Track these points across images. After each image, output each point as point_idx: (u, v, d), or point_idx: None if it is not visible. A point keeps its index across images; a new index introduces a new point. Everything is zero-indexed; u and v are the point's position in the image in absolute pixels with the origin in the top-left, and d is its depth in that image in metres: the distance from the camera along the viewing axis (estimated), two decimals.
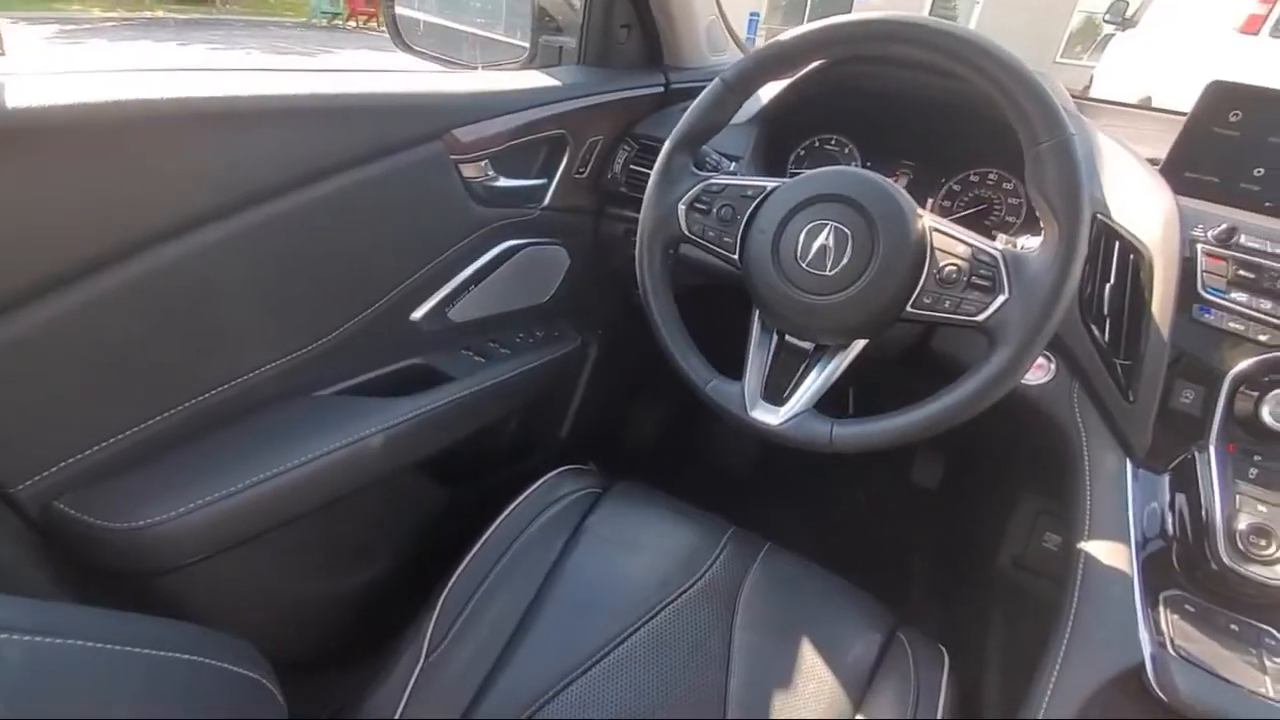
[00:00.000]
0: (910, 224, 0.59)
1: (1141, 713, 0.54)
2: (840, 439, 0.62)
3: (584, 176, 0.91)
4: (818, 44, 0.60)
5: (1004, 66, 0.54)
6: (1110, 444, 0.67)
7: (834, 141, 0.92)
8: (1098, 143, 0.78)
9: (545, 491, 0.80)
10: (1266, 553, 0.57)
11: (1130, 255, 0.67)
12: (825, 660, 0.65)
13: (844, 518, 1.34)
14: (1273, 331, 0.61)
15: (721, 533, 0.77)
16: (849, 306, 0.60)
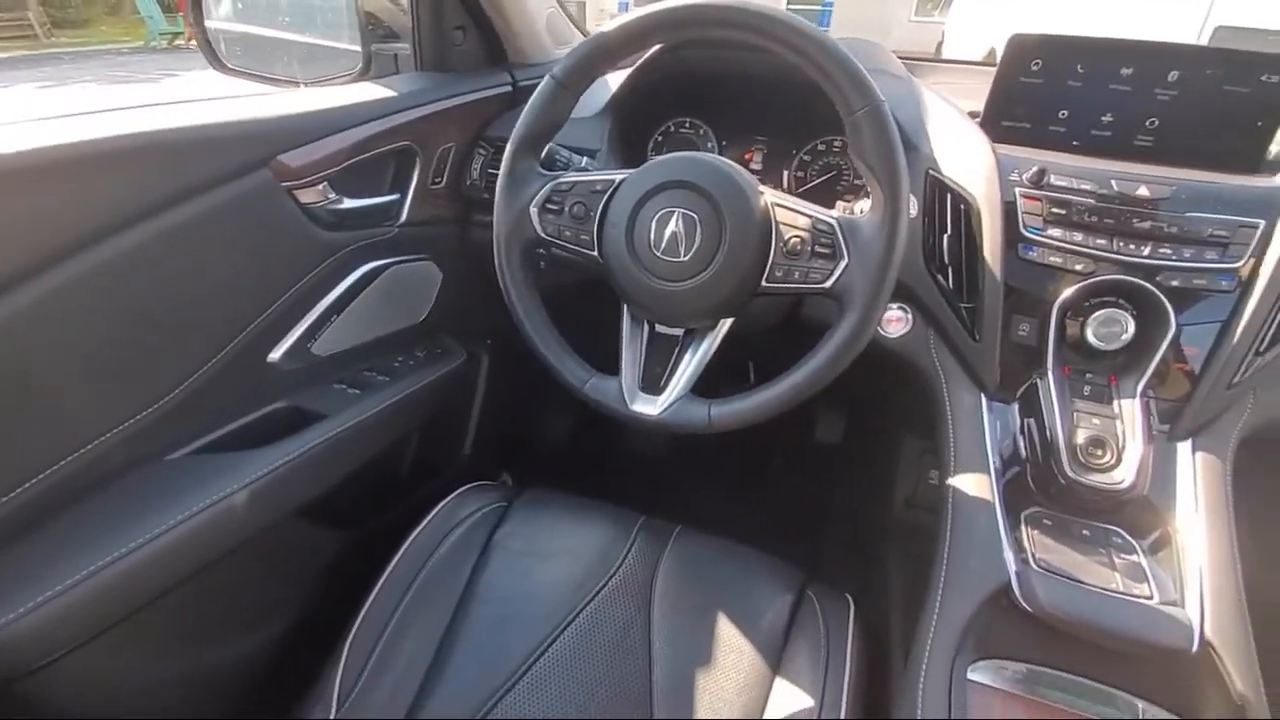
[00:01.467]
0: (752, 202, 0.60)
1: (1015, 625, 0.58)
2: (718, 419, 0.63)
3: (441, 186, 0.88)
4: (638, 33, 0.60)
5: (812, 42, 0.56)
6: (965, 382, 0.72)
7: (689, 125, 0.93)
8: (925, 101, 0.82)
9: (447, 515, 0.77)
10: (1103, 461, 0.63)
11: (961, 206, 0.71)
12: (742, 631, 0.67)
13: (759, 487, 1.38)
14: (1086, 260, 0.67)
15: (632, 525, 0.78)
16: (707, 289, 0.61)
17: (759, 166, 0.91)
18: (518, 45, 0.93)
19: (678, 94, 0.92)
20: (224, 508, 0.64)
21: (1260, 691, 0.54)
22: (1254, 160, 0.70)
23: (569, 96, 0.64)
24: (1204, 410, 0.65)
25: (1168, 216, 0.65)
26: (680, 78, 0.88)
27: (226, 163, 0.65)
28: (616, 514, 0.80)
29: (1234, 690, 0.53)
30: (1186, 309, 0.64)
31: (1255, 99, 0.69)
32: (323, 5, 0.95)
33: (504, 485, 0.85)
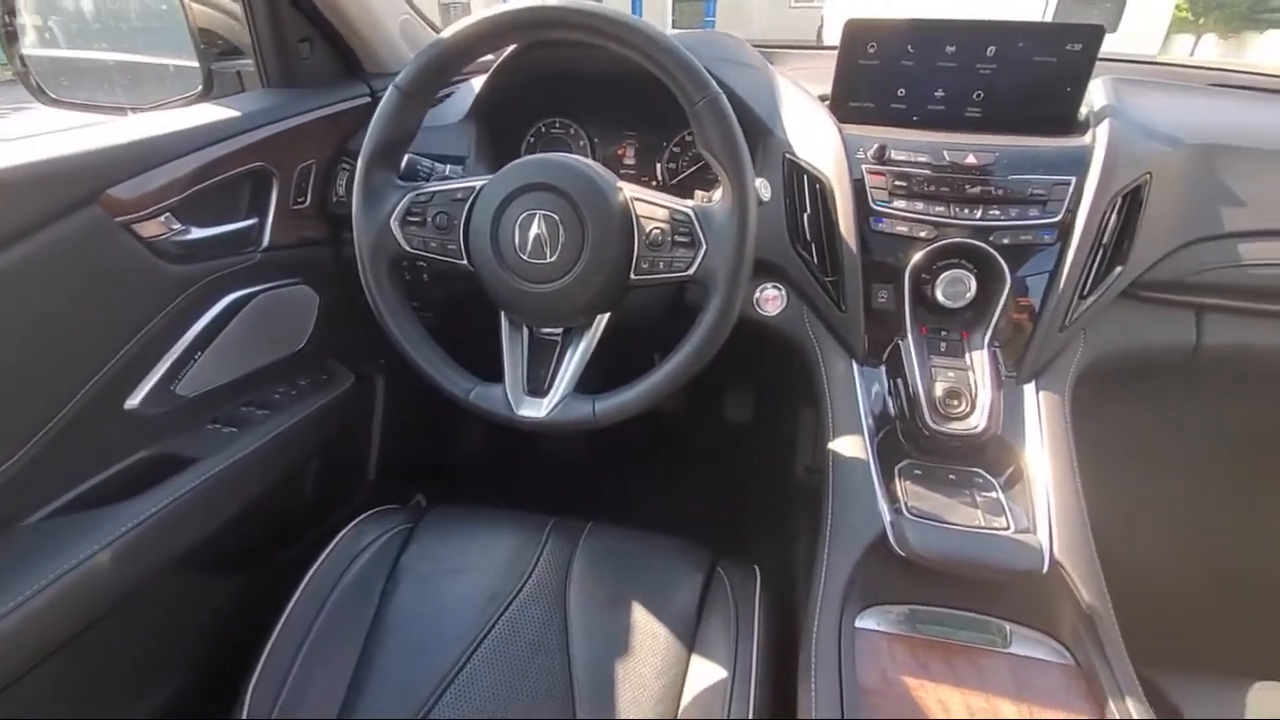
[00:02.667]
0: (611, 199, 0.61)
1: (894, 571, 0.63)
2: (603, 413, 0.64)
3: (306, 206, 0.85)
4: (475, 37, 0.60)
5: (647, 39, 0.57)
6: (838, 351, 0.76)
7: (559, 125, 0.94)
8: (779, 89, 0.86)
9: (349, 544, 0.75)
10: (960, 410, 0.68)
11: (817, 186, 0.75)
12: (656, 615, 0.69)
13: (677, 473, 1.41)
14: (929, 227, 0.72)
15: (542, 528, 0.78)
16: (576, 288, 0.62)
17: (632, 161, 0.92)
18: (372, 54, 0.90)
19: (546, 95, 0.92)
20: (89, 569, 0.60)
21: (1106, 600, 0.60)
22: (1068, 122, 0.77)
23: (416, 105, 0.63)
24: (1042, 353, 0.71)
25: (994, 180, 0.71)
26: (545, 78, 0.88)
27: (49, 202, 0.60)
28: (526, 520, 0.80)
29: (1083, 601, 0.59)
30: (1018, 263, 0.70)
31: (1063, 67, 0.75)
32: (156, 24, 0.89)
33: (411, 507, 0.83)
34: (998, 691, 0.56)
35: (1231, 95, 0.94)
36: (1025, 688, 0.57)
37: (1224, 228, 0.74)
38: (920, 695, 0.56)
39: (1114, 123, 0.74)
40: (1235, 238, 0.74)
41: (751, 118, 0.80)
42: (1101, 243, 0.71)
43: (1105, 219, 0.70)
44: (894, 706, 0.55)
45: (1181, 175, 0.75)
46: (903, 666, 0.58)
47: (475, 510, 0.82)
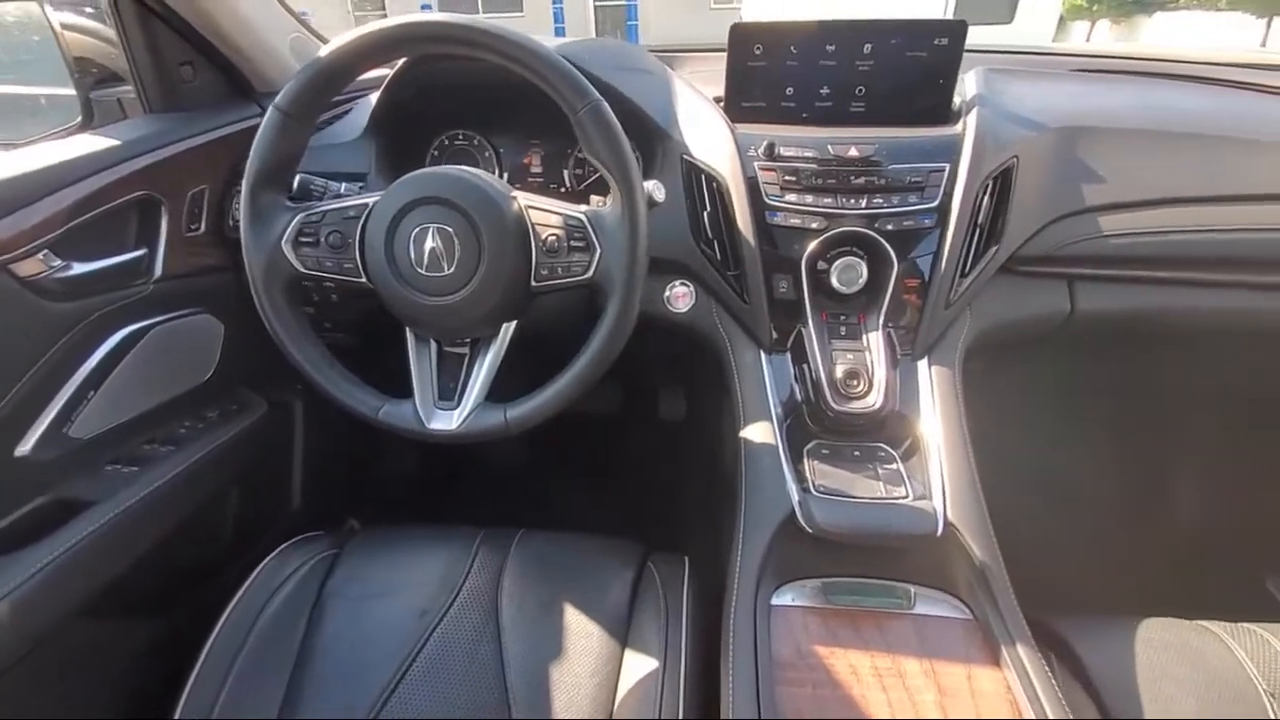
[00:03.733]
0: (504, 208, 0.62)
1: (805, 547, 0.65)
2: (516, 420, 0.65)
3: (200, 232, 0.83)
4: (353, 54, 0.60)
5: (526, 51, 0.59)
6: (746, 341, 0.79)
7: (462, 137, 0.94)
8: (676, 92, 0.88)
9: (269, 576, 0.74)
10: (859, 389, 0.72)
11: (714, 184, 0.78)
12: (589, 615, 0.70)
13: (614, 474, 1.43)
14: (820, 218, 0.75)
15: (472, 540, 0.78)
16: (477, 298, 0.63)
17: (539, 170, 0.94)
18: (261, 74, 0.88)
19: (448, 107, 0.92)
20: None
21: (996, 556, 0.64)
22: (943, 112, 0.82)
23: (299, 125, 0.63)
24: (932, 330, 0.76)
25: (876, 170, 0.75)
26: (445, 90, 0.88)
27: None
28: (456, 534, 0.80)
29: (976, 559, 0.63)
30: (904, 247, 0.75)
31: (933, 60, 0.80)
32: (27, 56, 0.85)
33: (336, 532, 0.81)
34: (902, 650, 0.60)
35: (1092, 79, 1.01)
36: (927, 644, 0.60)
37: (1086, 203, 0.80)
38: (831, 662, 0.59)
39: (982, 111, 0.79)
40: (1097, 211, 0.80)
41: (648, 122, 0.82)
42: (977, 223, 0.76)
43: (979, 201, 0.75)
44: (807, 676, 0.58)
45: (1046, 156, 0.81)
46: (815, 637, 0.61)
47: (404, 530, 0.81)
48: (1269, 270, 0.81)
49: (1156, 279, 0.82)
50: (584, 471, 1.44)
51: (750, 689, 0.56)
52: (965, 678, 0.58)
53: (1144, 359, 0.98)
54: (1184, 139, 0.86)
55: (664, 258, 0.80)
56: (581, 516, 0.86)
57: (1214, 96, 1.00)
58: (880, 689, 0.57)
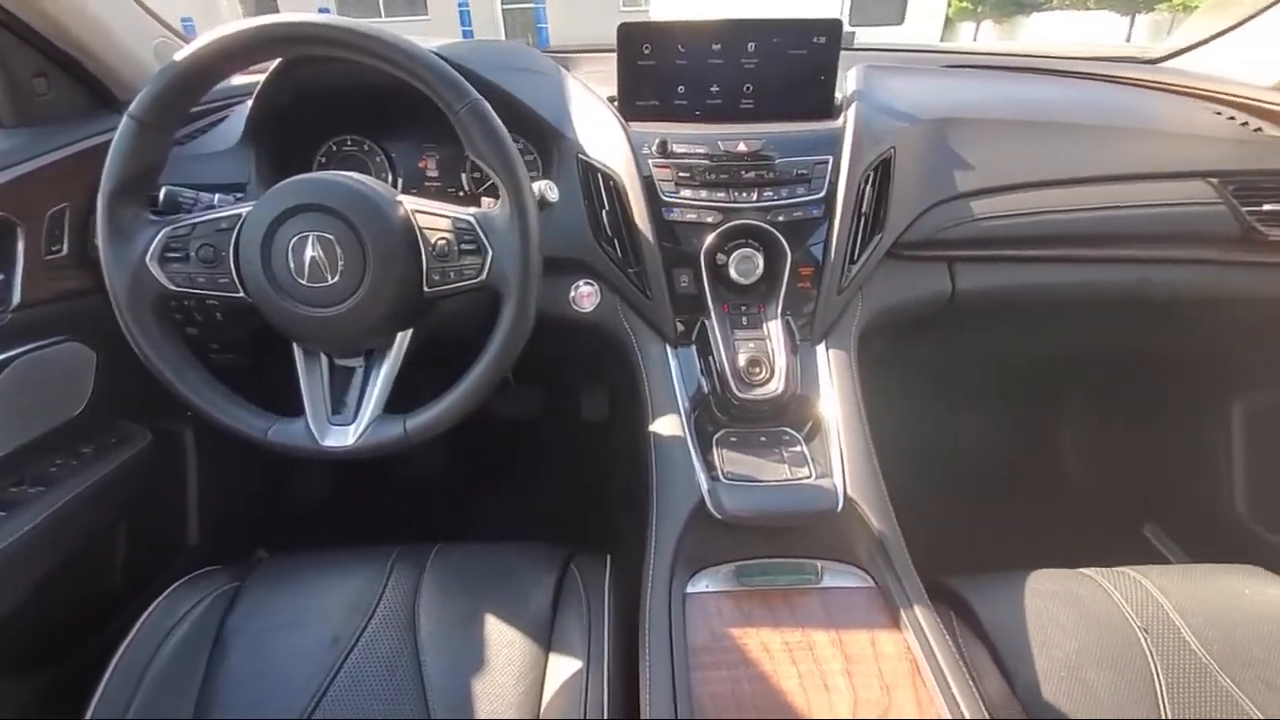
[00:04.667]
0: (389, 213, 0.61)
1: (717, 534, 0.67)
2: (416, 430, 0.63)
3: (63, 255, 0.76)
4: (209, 59, 0.57)
5: (399, 51, 0.57)
6: (651, 337, 0.80)
7: (351, 142, 0.91)
8: (569, 92, 0.89)
9: (162, 617, 0.69)
10: (761, 377, 0.74)
11: (611, 183, 0.79)
12: (511, 624, 0.69)
13: (537, 478, 1.41)
14: (715, 213, 0.77)
15: (386, 559, 0.76)
16: (366, 307, 0.61)
17: (435, 174, 0.92)
18: (124, 82, 0.82)
19: (334, 111, 0.88)
20: None
21: (894, 525, 0.68)
22: (826, 108, 0.86)
23: (158, 133, 0.59)
24: (826, 316, 0.79)
25: (765, 164, 0.78)
26: (327, 94, 0.85)
27: None
28: (369, 554, 0.77)
29: (875, 530, 0.66)
30: (796, 238, 0.78)
31: (813, 58, 0.84)
32: None
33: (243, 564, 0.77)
34: (811, 623, 0.62)
35: (962, 75, 1.09)
36: (834, 615, 0.63)
37: (959, 189, 0.86)
38: (745, 643, 0.60)
39: (860, 105, 0.83)
40: (969, 196, 0.86)
41: (541, 123, 0.82)
42: (862, 212, 0.80)
43: (861, 191, 0.79)
44: (722, 659, 0.59)
45: (921, 147, 0.86)
46: (729, 620, 0.62)
47: (313, 555, 0.78)
48: (1124, 244, 0.89)
49: (1027, 257, 0.89)
50: (508, 478, 1.42)
51: (667, 678, 0.57)
52: (869, 643, 0.61)
53: (1023, 332, 1.06)
54: (1045, 127, 0.93)
55: (566, 257, 0.80)
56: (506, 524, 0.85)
57: (1071, 88, 1.09)
58: (791, 663, 0.59)
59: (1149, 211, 0.85)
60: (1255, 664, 0.66)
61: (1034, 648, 0.68)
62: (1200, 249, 0.88)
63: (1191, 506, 1.12)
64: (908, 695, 0.57)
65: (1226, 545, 0.86)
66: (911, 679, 0.58)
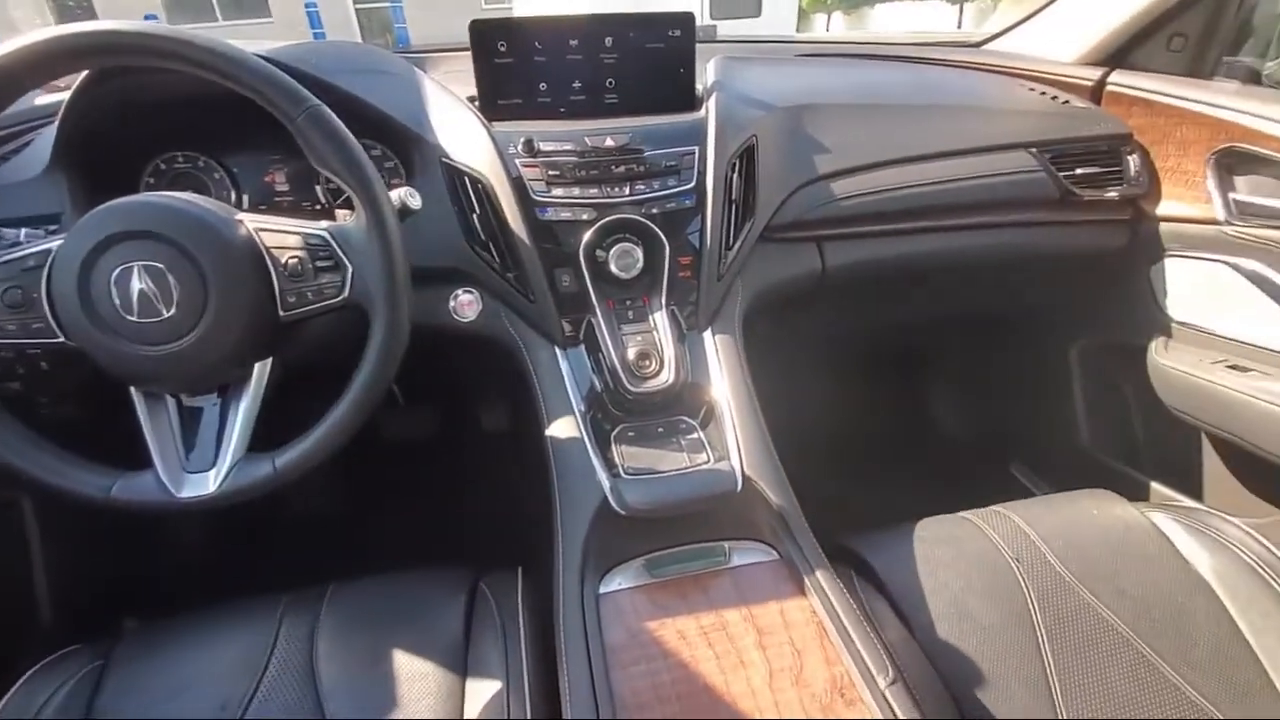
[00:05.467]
0: (228, 235, 0.55)
1: (624, 530, 0.67)
2: (288, 466, 0.59)
3: None
4: (11, 72, 0.50)
5: (220, 58, 0.52)
6: (539, 340, 0.79)
7: (183, 159, 0.82)
8: (426, 93, 0.85)
9: (17, 712, 0.60)
10: (652, 369, 0.74)
11: (479, 185, 0.76)
12: (421, 655, 0.65)
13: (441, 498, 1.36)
14: (589, 209, 0.77)
15: (274, 609, 0.70)
16: (213, 340, 0.55)
17: (286, 187, 0.85)
18: None
19: (160, 126, 0.80)
20: None
21: (792, 499, 0.70)
22: (689, 100, 0.87)
23: None
24: (709, 303, 0.80)
25: (634, 158, 0.78)
26: (149, 109, 0.76)
27: None
28: (255, 606, 0.71)
29: (774, 504, 0.69)
30: (673, 229, 0.79)
31: (671, 50, 0.85)
32: None
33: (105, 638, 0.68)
34: (723, 604, 0.63)
35: (813, 63, 1.15)
36: (744, 592, 0.65)
37: (819, 172, 0.90)
38: (661, 634, 0.61)
39: (720, 96, 0.85)
40: (829, 178, 0.91)
41: (398, 126, 0.78)
42: (732, 199, 0.82)
43: (729, 179, 0.81)
44: (640, 654, 0.59)
45: (781, 133, 0.89)
46: (644, 615, 0.63)
47: (189, 618, 0.70)
48: (966, 213, 0.97)
49: (885, 231, 0.95)
50: (407, 503, 1.35)
51: (586, 683, 0.56)
52: (779, 613, 0.63)
53: (889, 300, 1.13)
54: (888, 109, 1.00)
55: (439, 266, 0.77)
56: (410, 552, 0.80)
57: (909, 72, 1.18)
58: (707, 645, 0.60)
59: (982, 182, 0.94)
60: (1108, 576, 0.74)
61: (925, 591, 0.73)
62: (1029, 212, 0.98)
63: (1047, 443, 1.25)
64: (817, 656, 0.59)
65: (1078, 474, 0.96)
66: (820, 640, 0.60)
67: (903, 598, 0.73)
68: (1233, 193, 0.91)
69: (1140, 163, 0.99)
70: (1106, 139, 0.99)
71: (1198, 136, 0.93)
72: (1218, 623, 0.71)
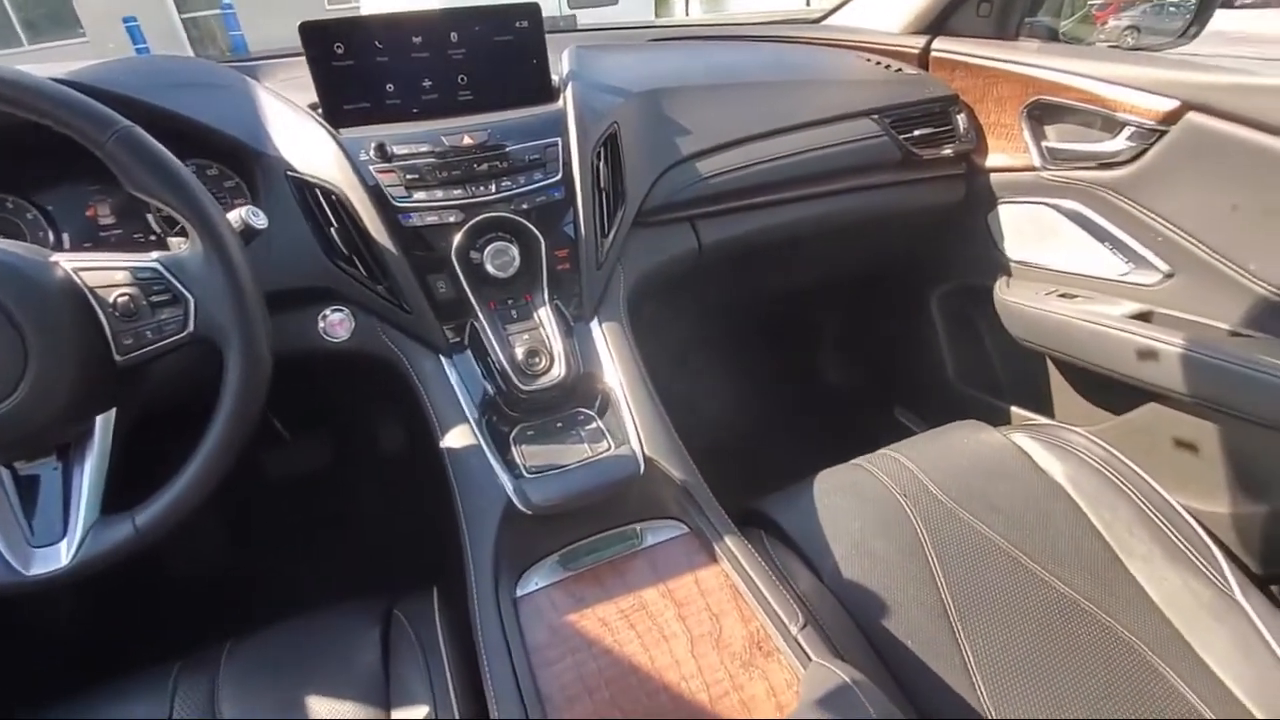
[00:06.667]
0: (39, 279, 0.49)
1: (533, 530, 0.66)
2: (150, 524, 0.53)
3: None
4: None
5: (17, 87, 0.47)
6: (421, 351, 0.76)
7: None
8: (262, 104, 0.79)
9: None
10: (542, 365, 0.74)
11: (332, 197, 0.72)
12: (338, 696, 0.62)
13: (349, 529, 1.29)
14: (456, 211, 0.75)
15: (165, 679, 0.64)
16: (38, 399, 0.49)
17: (111, 220, 0.76)
18: None
19: None
20: None
21: (694, 472, 0.72)
22: (546, 91, 0.87)
23: None
24: (592, 293, 0.81)
25: (495, 155, 0.77)
26: None
27: None
28: (141, 681, 0.64)
29: (678, 480, 0.70)
30: (546, 222, 0.78)
31: (521, 42, 0.83)
32: None
33: None
34: (641, 584, 0.64)
35: (665, 47, 1.17)
36: (660, 569, 0.66)
37: (683, 153, 0.92)
38: (583, 626, 0.61)
39: (576, 85, 0.85)
40: (693, 159, 0.93)
41: (232, 142, 0.73)
42: (601, 188, 0.82)
43: (596, 168, 0.82)
44: (564, 649, 0.59)
45: (641, 118, 0.91)
46: (564, 610, 0.62)
47: (67, 704, 0.63)
48: (823, 181, 1.03)
49: (751, 205, 0.99)
50: (311, 541, 1.27)
51: (511, 688, 0.55)
52: (693, 583, 0.65)
53: (767, 271, 1.19)
54: (740, 88, 1.04)
55: (301, 287, 0.73)
56: (320, 592, 0.75)
57: (757, 51, 1.23)
58: (629, 627, 0.61)
59: (834, 150, 1.00)
60: (981, 496, 0.82)
61: (829, 539, 0.77)
62: (878, 175, 1.06)
63: (923, 384, 1.35)
64: (734, 617, 0.61)
65: (951, 408, 1.05)
66: (735, 602, 0.63)
67: (810, 548, 0.77)
68: (1045, 141, 1.02)
69: (967, 121, 1.09)
70: (936, 101, 1.08)
71: (1011, 93, 1.03)
72: (1074, 521, 0.80)
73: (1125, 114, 0.90)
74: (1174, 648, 0.69)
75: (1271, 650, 0.68)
